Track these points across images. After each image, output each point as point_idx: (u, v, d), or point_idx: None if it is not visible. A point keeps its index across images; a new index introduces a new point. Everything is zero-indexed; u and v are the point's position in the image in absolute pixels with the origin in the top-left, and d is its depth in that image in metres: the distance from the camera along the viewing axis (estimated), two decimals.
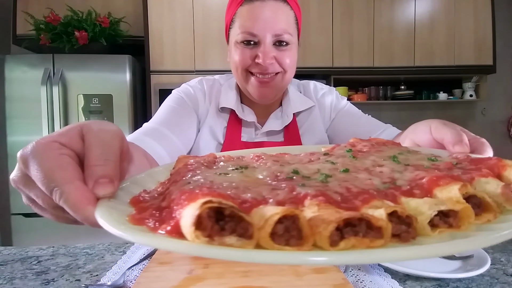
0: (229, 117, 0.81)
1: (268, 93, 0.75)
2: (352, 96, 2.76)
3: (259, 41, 0.72)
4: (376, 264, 0.68)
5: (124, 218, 0.25)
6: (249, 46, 0.72)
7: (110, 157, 0.28)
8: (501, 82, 3.04)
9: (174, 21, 2.21)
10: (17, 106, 2.01)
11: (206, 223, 0.21)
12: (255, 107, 0.83)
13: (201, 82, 0.84)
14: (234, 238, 0.21)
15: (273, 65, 0.72)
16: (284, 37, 0.72)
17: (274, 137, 0.83)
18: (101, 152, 0.28)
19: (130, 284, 0.63)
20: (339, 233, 0.21)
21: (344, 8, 2.59)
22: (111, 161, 0.28)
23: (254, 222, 0.21)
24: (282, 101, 0.85)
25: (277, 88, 0.75)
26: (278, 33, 0.71)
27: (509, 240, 0.22)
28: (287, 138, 0.82)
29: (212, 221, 0.21)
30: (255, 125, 0.82)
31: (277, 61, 0.73)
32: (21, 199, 0.34)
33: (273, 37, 0.71)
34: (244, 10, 0.72)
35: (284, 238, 0.21)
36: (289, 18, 0.73)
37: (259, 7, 0.70)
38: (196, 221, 0.20)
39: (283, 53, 0.73)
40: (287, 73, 0.75)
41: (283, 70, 0.74)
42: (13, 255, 0.82)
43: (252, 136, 0.82)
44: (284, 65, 0.73)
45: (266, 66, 0.71)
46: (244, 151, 0.44)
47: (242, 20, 0.72)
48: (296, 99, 0.84)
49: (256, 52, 0.71)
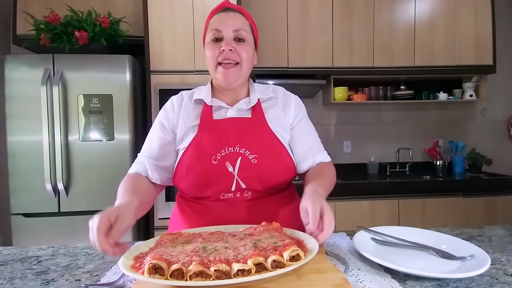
0: (202, 106, 0.99)
1: (230, 76, 0.94)
2: (352, 96, 2.76)
3: (222, 37, 0.93)
4: (376, 264, 0.69)
5: (128, 265, 0.61)
6: (216, 42, 0.94)
7: (115, 237, 0.67)
8: (501, 82, 3.04)
9: (174, 21, 2.21)
10: (17, 106, 2.01)
11: (151, 269, 0.57)
12: (224, 98, 1.01)
13: (171, 101, 1.05)
14: (158, 276, 0.56)
15: (233, 53, 0.93)
16: (241, 33, 0.94)
17: (242, 113, 0.99)
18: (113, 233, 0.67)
19: (130, 284, 0.63)
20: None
21: (344, 8, 2.59)
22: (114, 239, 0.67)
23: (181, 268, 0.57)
24: (249, 93, 1.03)
25: (237, 75, 0.95)
26: (236, 29, 0.93)
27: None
28: (254, 114, 0.98)
29: (154, 269, 0.57)
30: (224, 108, 0.99)
31: (236, 52, 0.93)
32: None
33: (233, 32, 0.93)
34: (214, 19, 0.97)
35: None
36: (245, 23, 0.97)
37: (223, 15, 0.96)
38: (148, 268, 0.57)
39: (241, 47, 0.94)
40: (243, 65, 0.95)
41: (240, 62, 0.94)
42: (13, 255, 0.82)
43: (222, 115, 0.98)
44: (241, 57, 0.94)
45: (227, 52, 0.92)
46: (201, 228, 0.83)
47: (212, 25, 0.96)
48: (261, 90, 1.04)
49: (221, 45, 0.93)
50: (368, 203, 2.39)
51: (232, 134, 0.93)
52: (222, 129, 0.94)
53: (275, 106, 1.02)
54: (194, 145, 0.93)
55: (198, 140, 0.93)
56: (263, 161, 0.92)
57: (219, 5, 1.00)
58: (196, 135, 0.94)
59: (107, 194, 2.07)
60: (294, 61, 2.55)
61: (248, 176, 0.91)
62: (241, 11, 0.99)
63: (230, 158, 0.91)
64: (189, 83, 2.21)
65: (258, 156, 0.91)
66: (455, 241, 0.77)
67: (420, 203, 2.42)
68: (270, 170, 0.93)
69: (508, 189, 2.49)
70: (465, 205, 2.44)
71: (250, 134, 0.94)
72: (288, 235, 0.73)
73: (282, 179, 0.96)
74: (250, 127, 0.95)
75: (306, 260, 0.60)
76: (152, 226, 2.18)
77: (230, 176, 0.91)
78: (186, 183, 0.94)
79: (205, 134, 0.93)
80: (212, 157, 0.91)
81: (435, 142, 3.00)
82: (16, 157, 2.01)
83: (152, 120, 2.18)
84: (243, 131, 0.94)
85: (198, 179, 0.91)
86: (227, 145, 0.92)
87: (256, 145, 0.92)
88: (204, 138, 0.93)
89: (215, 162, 0.90)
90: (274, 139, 0.95)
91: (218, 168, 0.90)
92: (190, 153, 0.93)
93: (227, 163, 0.90)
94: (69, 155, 2.05)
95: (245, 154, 0.91)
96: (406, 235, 0.82)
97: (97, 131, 2.07)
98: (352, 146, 2.95)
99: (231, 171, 0.90)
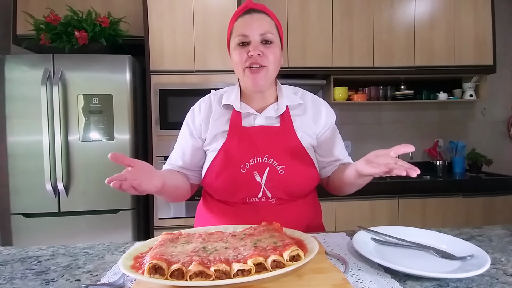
0: (232, 111, 1.00)
1: (259, 80, 0.94)
2: (352, 96, 2.76)
3: (249, 41, 0.92)
4: (376, 264, 0.69)
5: (128, 265, 0.61)
6: (243, 46, 0.93)
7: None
8: (501, 82, 3.04)
9: (174, 21, 2.21)
10: (17, 106, 2.01)
11: (151, 269, 0.57)
12: (253, 104, 1.01)
13: (198, 105, 1.06)
14: (158, 276, 0.56)
15: (260, 57, 0.92)
16: (267, 36, 0.93)
17: (271, 121, 0.99)
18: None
19: (130, 284, 0.63)
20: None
21: (344, 8, 2.59)
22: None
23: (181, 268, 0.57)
24: (278, 98, 1.02)
25: (265, 78, 0.94)
26: (263, 33, 0.92)
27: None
28: (283, 123, 0.98)
29: (154, 269, 0.57)
30: (253, 114, 0.99)
31: (264, 55, 0.92)
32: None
33: (260, 36, 0.92)
34: (238, 22, 0.95)
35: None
36: (271, 25, 0.95)
37: (248, 18, 0.94)
38: (148, 269, 0.57)
39: (268, 50, 0.93)
40: (270, 67, 0.94)
41: (267, 65, 0.93)
42: (13, 255, 0.82)
43: (251, 122, 0.99)
44: (268, 59, 0.93)
45: (255, 57, 0.91)
46: (201, 228, 0.82)
47: (237, 29, 0.94)
48: (289, 95, 1.03)
49: (248, 49, 0.92)
50: (368, 203, 2.39)
51: (260, 143, 0.95)
52: (251, 137, 0.95)
53: (304, 115, 1.02)
54: (224, 151, 0.95)
55: (227, 146, 0.95)
56: (290, 172, 0.94)
57: (242, 6, 0.97)
58: (225, 142, 0.96)
59: (107, 194, 2.07)
60: (294, 61, 2.55)
61: (274, 186, 0.94)
62: (266, 11, 0.97)
63: (258, 168, 0.93)
64: (189, 83, 2.21)
65: (286, 167, 0.93)
66: (455, 241, 0.77)
67: (420, 203, 2.42)
68: (296, 181, 0.95)
69: (508, 189, 2.49)
70: (465, 205, 2.44)
71: (279, 144, 0.95)
72: (288, 235, 0.73)
73: (306, 188, 1.00)
74: (279, 137, 0.96)
75: (306, 260, 0.60)
76: (152, 226, 2.18)
77: (257, 185, 0.93)
78: (214, 188, 0.97)
79: (234, 141, 0.95)
80: (241, 165, 0.93)
81: (435, 142, 3.00)
82: (16, 157, 2.01)
83: (152, 120, 2.18)
84: (271, 140, 0.95)
85: (226, 185, 0.94)
86: (256, 155, 0.93)
87: (284, 155, 0.94)
88: (234, 146, 0.95)
89: (244, 171, 0.93)
90: (302, 150, 0.97)
91: (246, 177, 0.93)
92: (220, 160, 0.95)
93: (255, 172, 0.93)
94: (69, 155, 2.05)
95: (273, 164, 0.93)
96: (406, 235, 0.82)
97: (97, 131, 2.07)
98: (352, 146, 2.95)
99: (258, 180, 0.93)
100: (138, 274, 0.57)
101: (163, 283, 0.55)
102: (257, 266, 0.57)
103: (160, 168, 1.06)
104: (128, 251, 0.67)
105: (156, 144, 2.18)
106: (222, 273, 0.56)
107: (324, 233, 0.94)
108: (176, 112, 2.18)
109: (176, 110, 2.18)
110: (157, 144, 2.18)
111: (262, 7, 0.97)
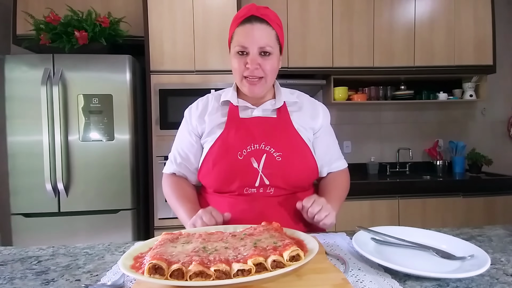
0: (229, 106, 1.03)
1: (256, 90, 0.97)
2: (352, 96, 2.76)
3: (248, 52, 0.94)
4: (376, 264, 0.69)
5: (128, 265, 0.61)
6: (242, 55, 0.96)
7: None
8: (501, 82, 3.04)
9: (174, 21, 2.21)
10: (17, 106, 2.01)
11: (151, 269, 0.57)
12: (250, 100, 1.03)
13: (196, 103, 1.09)
14: (158, 276, 0.56)
15: (258, 70, 0.95)
16: (266, 48, 0.94)
17: (268, 113, 1.02)
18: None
19: (130, 284, 0.63)
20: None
21: (344, 8, 2.59)
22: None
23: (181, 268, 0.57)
24: (275, 95, 1.05)
25: (262, 88, 0.98)
26: (262, 46, 0.94)
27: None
28: (279, 115, 1.01)
29: (154, 269, 0.57)
30: (250, 108, 1.02)
31: (261, 67, 0.95)
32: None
33: (258, 49, 0.94)
34: (239, 30, 0.96)
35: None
36: (271, 35, 0.96)
37: (249, 28, 0.94)
38: (148, 269, 0.56)
39: (266, 61, 0.95)
40: (267, 78, 0.97)
41: (264, 76, 0.96)
42: (13, 255, 0.82)
43: (249, 114, 1.02)
44: (265, 71, 0.96)
45: (252, 70, 0.94)
46: (201, 228, 0.82)
47: (237, 37, 0.96)
48: (286, 94, 1.06)
49: (246, 60, 0.95)
50: (368, 203, 2.39)
51: (257, 132, 0.97)
52: (248, 126, 0.98)
53: (300, 111, 1.05)
54: (221, 141, 0.97)
55: (225, 136, 0.98)
56: (288, 159, 0.95)
57: (245, 12, 0.96)
58: (223, 132, 0.98)
59: (107, 194, 2.08)
60: (294, 61, 2.55)
61: (272, 173, 0.95)
62: (267, 19, 0.96)
63: (255, 155, 0.95)
64: (189, 83, 2.21)
65: (283, 154, 0.95)
66: (455, 241, 0.77)
67: (420, 203, 2.42)
68: (294, 168, 0.96)
69: (508, 189, 2.49)
70: (465, 205, 2.44)
71: (276, 132, 0.98)
72: (288, 235, 0.73)
73: (304, 177, 1.00)
74: (276, 126, 0.99)
75: (306, 260, 0.60)
76: (152, 226, 2.18)
77: (254, 172, 0.94)
78: (211, 177, 0.98)
79: (231, 131, 0.98)
80: (238, 152, 0.95)
81: (435, 142, 3.00)
82: (16, 157, 2.01)
83: (152, 120, 2.18)
84: (268, 129, 0.98)
85: (224, 173, 0.95)
86: (253, 142, 0.96)
87: (281, 143, 0.96)
88: (231, 135, 0.97)
89: (241, 157, 0.95)
90: (299, 139, 0.99)
91: (243, 164, 0.94)
92: (217, 148, 0.97)
93: (252, 159, 0.95)
94: (69, 155, 2.05)
95: (270, 151, 0.95)
96: (406, 235, 0.82)
97: (97, 131, 2.07)
98: (352, 146, 2.95)
99: (255, 167, 0.94)
100: (138, 274, 0.57)
101: (163, 283, 0.55)
102: (257, 266, 0.57)
103: (160, 168, 1.07)
104: (128, 251, 0.67)
105: (156, 144, 2.18)
106: (222, 273, 0.56)
107: (324, 233, 0.94)
108: (176, 112, 2.18)
109: (176, 110, 2.18)
110: (157, 144, 2.18)
111: (264, 14, 0.96)
